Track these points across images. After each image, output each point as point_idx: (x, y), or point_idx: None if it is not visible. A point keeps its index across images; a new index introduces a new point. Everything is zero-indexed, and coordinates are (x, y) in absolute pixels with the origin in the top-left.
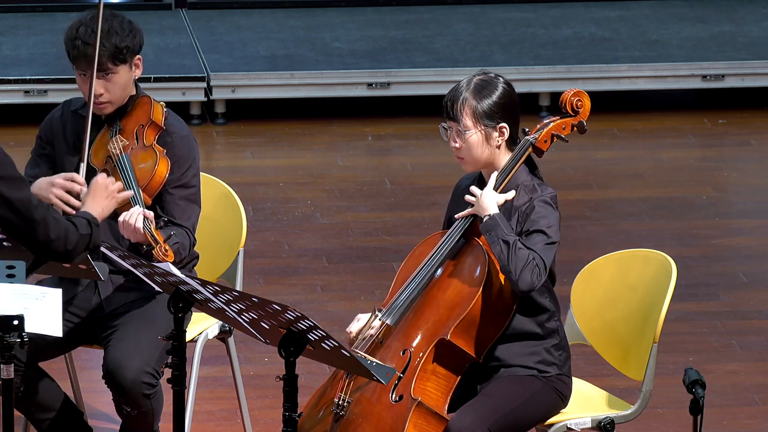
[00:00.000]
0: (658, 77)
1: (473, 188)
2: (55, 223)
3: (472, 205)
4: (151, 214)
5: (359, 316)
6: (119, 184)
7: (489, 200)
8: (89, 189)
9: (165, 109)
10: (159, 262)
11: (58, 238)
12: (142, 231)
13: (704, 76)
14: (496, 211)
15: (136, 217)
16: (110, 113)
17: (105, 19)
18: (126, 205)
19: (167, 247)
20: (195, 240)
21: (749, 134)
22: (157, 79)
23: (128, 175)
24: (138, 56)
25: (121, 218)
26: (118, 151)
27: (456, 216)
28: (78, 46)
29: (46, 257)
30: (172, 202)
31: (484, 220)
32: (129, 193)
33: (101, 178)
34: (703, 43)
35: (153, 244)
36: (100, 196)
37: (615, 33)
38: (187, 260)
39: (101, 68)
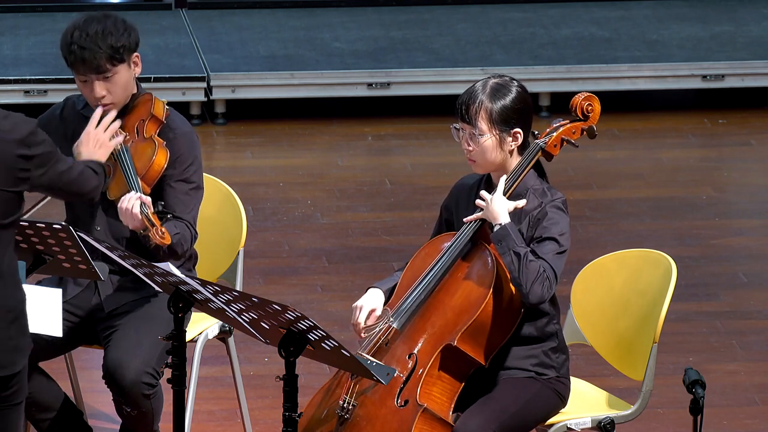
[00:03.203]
0: (658, 77)
1: (483, 193)
2: (85, 176)
3: (481, 209)
4: (148, 199)
5: (358, 304)
6: (109, 132)
7: (500, 208)
8: (81, 140)
9: (167, 107)
10: (159, 261)
11: (96, 187)
12: (139, 216)
13: (704, 76)
14: (508, 220)
15: (133, 202)
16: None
17: (98, 20)
18: (125, 191)
19: (164, 230)
20: (196, 233)
21: (749, 134)
22: (157, 79)
23: (127, 165)
24: (136, 54)
25: (119, 204)
26: (118, 146)
27: (464, 219)
28: (74, 51)
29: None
30: (174, 196)
31: (495, 229)
32: (119, 138)
33: (91, 129)
34: (703, 43)
35: (149, 227)
36: (94, 146)
37: (615, 33)
38: (188, 255)
39: (100, 71)
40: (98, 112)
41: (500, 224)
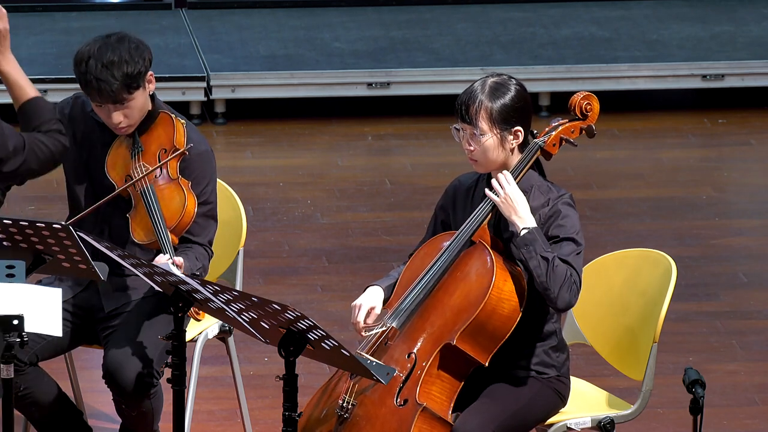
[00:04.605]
0: (658, 77)
1: (494, 182)
2: (44, 144)
3: (490, 201)
4: (180, 260)
5: (357, 303)
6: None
7: (523, 206)
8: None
9: (184, 124)
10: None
11: (56, 150)
12: None
13: (704, 76)
14: (534, 223)
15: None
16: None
17: (112, 47)
18: (154, 242)
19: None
20: (212, 254)
21: (749, 134)
22: (157, 79)
23: (154, 210)
24: (150, 73)
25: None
26: (141, 176)
27: (476, 211)
28: (90, 80)
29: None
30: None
31: (523, 233)
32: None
33: None
34: (703, 43)
35: None
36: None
37: (615, 33)
38: None
39: (117, 100)
40: None
41: (528, 228)
